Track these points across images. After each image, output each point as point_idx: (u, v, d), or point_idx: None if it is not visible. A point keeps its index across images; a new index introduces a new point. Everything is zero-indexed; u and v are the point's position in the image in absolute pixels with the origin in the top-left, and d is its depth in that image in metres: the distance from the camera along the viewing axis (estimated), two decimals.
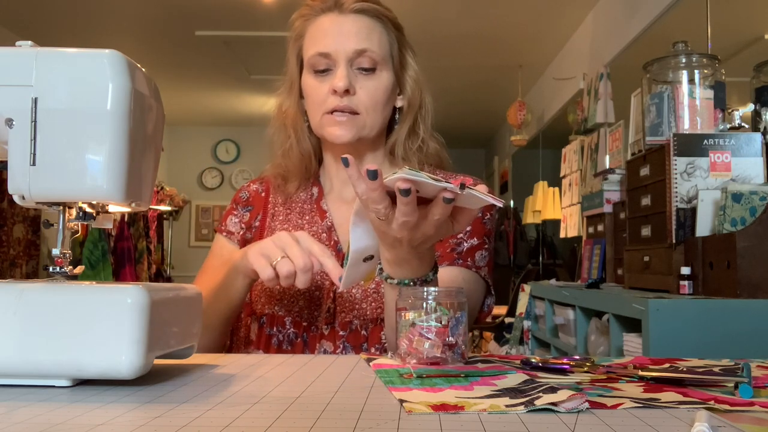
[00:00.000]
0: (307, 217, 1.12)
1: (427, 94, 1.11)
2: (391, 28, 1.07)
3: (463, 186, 0.68)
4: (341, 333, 1.02)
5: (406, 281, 0.83)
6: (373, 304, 1.03)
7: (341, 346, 1.02)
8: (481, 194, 0.69)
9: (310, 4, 1.06)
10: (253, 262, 0.90)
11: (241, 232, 1.14)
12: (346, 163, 0.72)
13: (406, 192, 0.69)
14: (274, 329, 1.05)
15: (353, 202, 1.09)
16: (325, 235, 1.09)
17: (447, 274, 1.02)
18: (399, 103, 1.09)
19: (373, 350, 1.01)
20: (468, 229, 1.07)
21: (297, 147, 1.11)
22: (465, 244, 1.06)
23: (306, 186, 1.14)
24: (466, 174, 1.16)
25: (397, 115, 1.10)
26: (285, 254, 0.89)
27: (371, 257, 0.85)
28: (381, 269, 0.85)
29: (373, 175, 0.69)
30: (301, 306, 1.05)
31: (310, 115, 1.07)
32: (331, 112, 1.02)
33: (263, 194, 1.17)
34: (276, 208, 1.14)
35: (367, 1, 1.04)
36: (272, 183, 1.16)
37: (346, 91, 1.00)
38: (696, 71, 2.16)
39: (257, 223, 1.14)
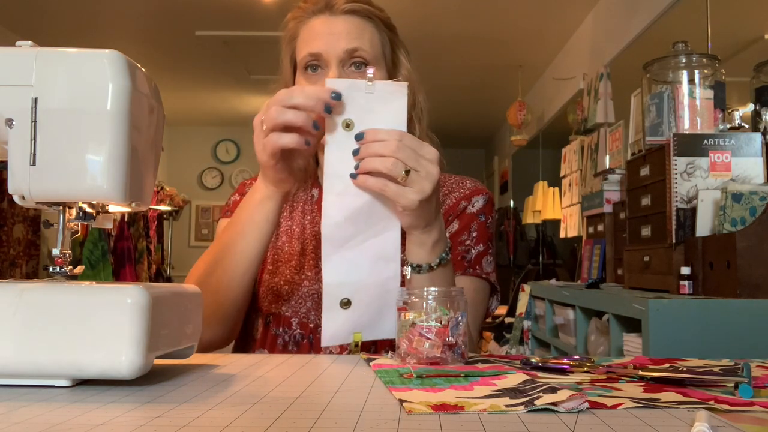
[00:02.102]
0: (308, 217, 1.12)
1: (421, 93, 1.11)
2: (383, 27, 1.07)
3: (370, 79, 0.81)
4: None
5: (444, 255, 0.88)
6: None
7: (349, 348, 1.02)
8: (385, 83, 0.82)
9: (302, 6, 1.07)
10: (258, 151, 0.87)
11: None
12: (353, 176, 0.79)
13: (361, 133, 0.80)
14: (280, 329, 1.05)
15: None
16: None
17: (460, 285, 1.03)
18: None
19: (382, 353, 1.01)
20: (474, 234, 1.08)
21: None
22: (473, 251, 1.08)
23: (305, 187, 1.15)
24: (464, 176, 1.17)
25: None
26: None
27: (348, 303, 0.84)
28: (411, 264, 0.87)
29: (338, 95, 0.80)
30: (309, 307, 1.05)
31: None
32: None
33: None
34: None
35: (358, 1, 1.04)
36: None
37: None
38: (696, 71, 2.16)
39: None
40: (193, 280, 0.98)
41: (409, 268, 0.88)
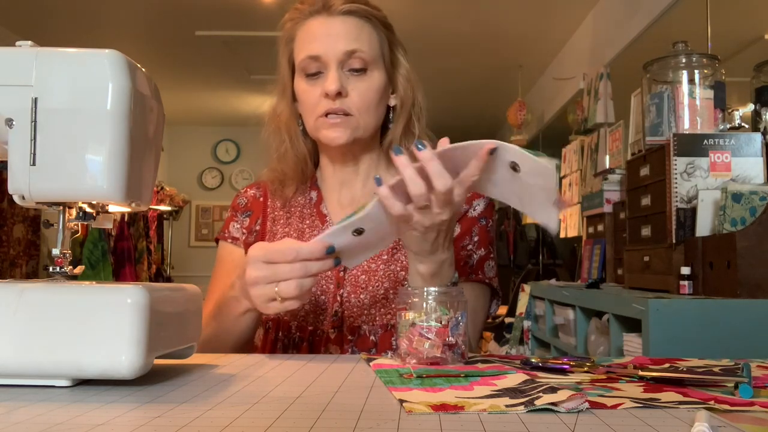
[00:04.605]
0: (307, 221, 1.12)
1: (419, 91, 1.11)
2: (380, 27, 1.06)
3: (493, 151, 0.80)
4: (350, 337, 1.02)
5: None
6: (382, 310, 1.03)
7: (349, 350, 1.02)
8: (524, 151, 0.79)
9: (299, 8, 1.06)
10: (262, 310, 0.85)
11: (244, 237, 1.14)
12: (379, 182, 0.77)
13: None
14: (279, 334, 1.05)
15: (351, 206, 1.09)
16: None
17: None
18: (392, 102, 1.09)
19: (382, 353, 1.01)
20: (475, 239, 1.08)
21: (292, 150, 1.11)
22: (475, 256, 1.08)
23: (304, 190, 1.14)
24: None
25: (391, 115, 1.10)
26: (277, 281, 0.82)
27: (360, 232, 0.83)
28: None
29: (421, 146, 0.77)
30: (307, 310, 1.05)
31: (304, 118, 1.07)
32: (325, 115, 1.01)
33: (261, 199, 1.16)
34: (276, 213, 1.14)
35: (356, 1, 1.04)
36: (269, 187, 1.16)
37: (338, 94, 1.00)
38: (696, 71, 2.16)
39: (257, 228, 1.14)
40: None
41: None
